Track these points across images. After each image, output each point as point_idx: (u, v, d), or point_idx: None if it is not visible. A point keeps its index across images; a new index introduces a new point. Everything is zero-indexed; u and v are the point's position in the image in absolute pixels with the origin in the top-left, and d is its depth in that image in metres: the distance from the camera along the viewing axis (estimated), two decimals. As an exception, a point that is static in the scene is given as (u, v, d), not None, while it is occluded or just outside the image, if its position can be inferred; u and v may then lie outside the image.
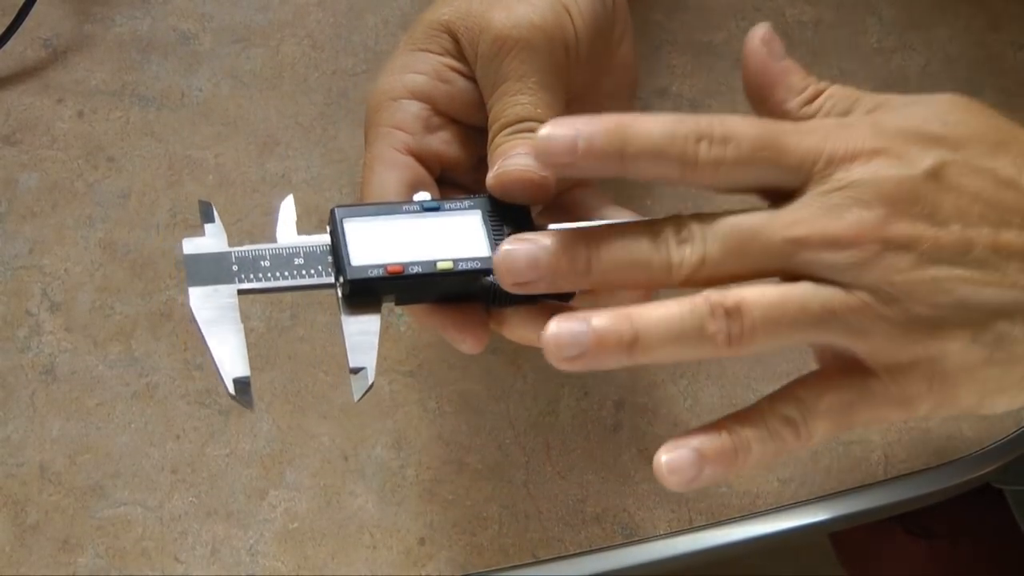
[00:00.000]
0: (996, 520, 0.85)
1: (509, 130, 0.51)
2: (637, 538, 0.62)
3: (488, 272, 0.50)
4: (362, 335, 0.51)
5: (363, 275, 0.50)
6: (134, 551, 0.61)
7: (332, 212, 0.51)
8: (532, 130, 0.50)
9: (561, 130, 0.46)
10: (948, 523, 0.90)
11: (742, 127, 0.46)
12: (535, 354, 0.63)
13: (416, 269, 0.50)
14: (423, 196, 0.52)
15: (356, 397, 0.51)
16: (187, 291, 0.50)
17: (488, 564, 0.61)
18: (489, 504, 0.62)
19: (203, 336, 0.50)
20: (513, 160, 0.50)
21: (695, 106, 0.66)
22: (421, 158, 0.53)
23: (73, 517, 0.61)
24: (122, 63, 0.67)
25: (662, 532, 0.62)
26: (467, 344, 0.51)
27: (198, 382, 0.63)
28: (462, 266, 0.50)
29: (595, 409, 0.63)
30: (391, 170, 0.52)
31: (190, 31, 0.68)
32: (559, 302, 0.51)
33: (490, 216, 0.51)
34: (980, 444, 0.63)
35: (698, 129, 0.46)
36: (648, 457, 0.63)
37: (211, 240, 0.51)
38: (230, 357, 0.50)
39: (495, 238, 0.50)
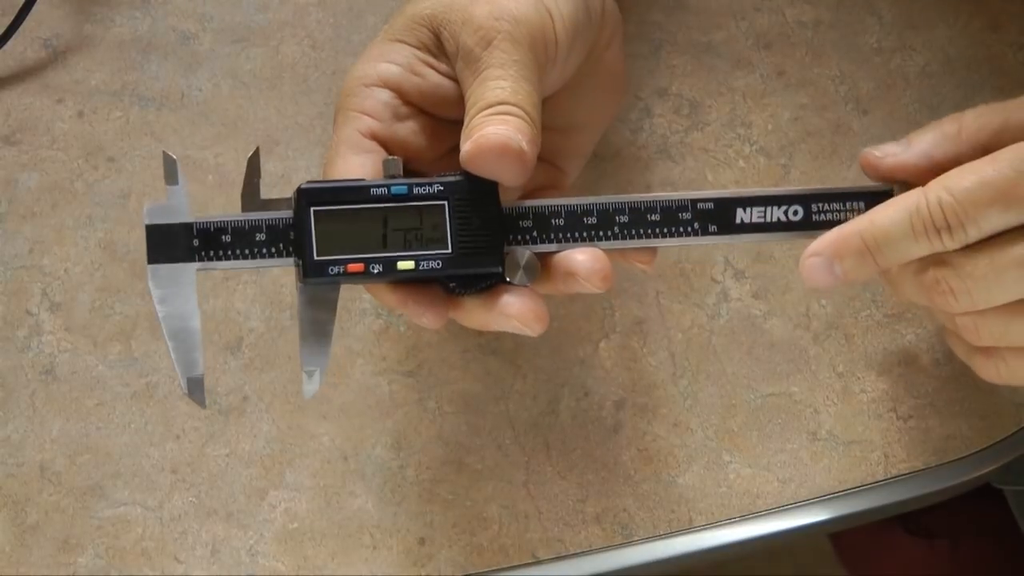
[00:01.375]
0: (996, 520, 0.85)
1: (488, 111, 0.51)
2: (637, 538, 0.62)
3: (449, 276, 0.51)
4: (316, 335, 0.52)
5: (323, 272, 0.50)
6: (134, 551, 0.61)
7: (299, 192, 0.51)
8: (511, 113, 0.51)
9: (815, 261, 0.52)
10: (948, 523, 0.90)
11: (970, 193, 0.49)
12: (535, 354, 0.64)
13: (377, 268, 0.50)
14: (394, 165, 0.51)
15: (307, 396, 0.51)
16: (147, 268, 0.50)
17: (488, 564, 0.61)
18: (489, 504, 0.62)
19: (161, 325, 0.50)
20: (493, 128, 0.50)
21: (695, 106, 0.66)
22: (387, 145, 0.54)
23: (73, 517, 0.61)
24: (122, 63, 0.67)
25: (662, 532, 0.62)
26: (427, 318, 0.52)
27: (198, 382, 0.63)
28: (423, 266, 0.50)
29: (595, 409, 0.63)
30: (356, 154, 0.53)
31: (190, 31, 0.68)
32: (516, 286, 0.51)
33: (458, 205, 0.51)
34: (980, 444, 0.63)
35: (932, 220, 0.50)
36: (648, 457, 0.63)
37: (173, 207, 0.51)
38: (185, 353, 0.51)
39: (460, 232, 0.51)
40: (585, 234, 0.52)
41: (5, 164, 0.66)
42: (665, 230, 0.53)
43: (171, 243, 0.50)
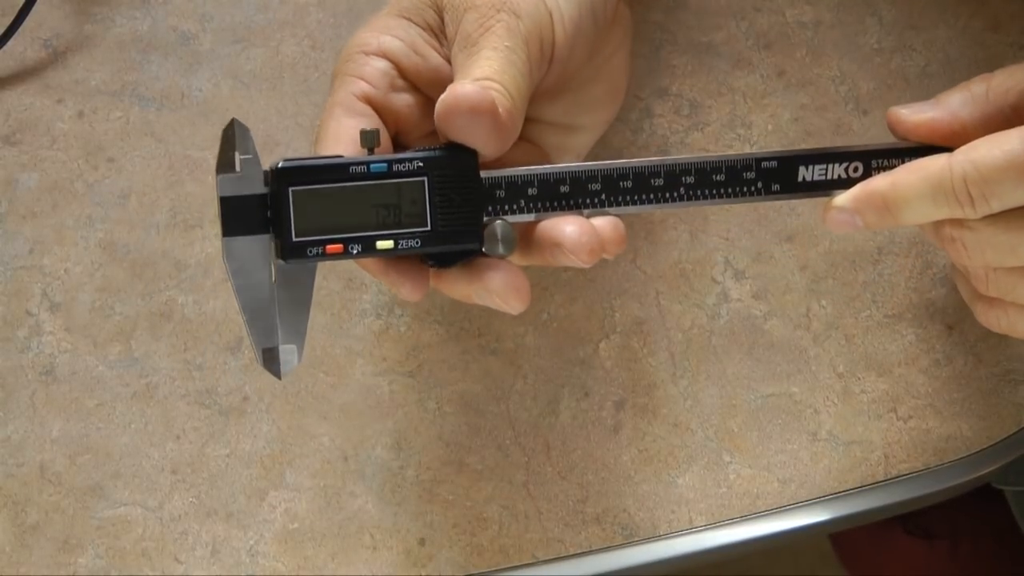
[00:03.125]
0: (996, 520, 0.85)
1: (469, 81, 0.51)
2: (637, 538, 0.62)
3: (428, 254, 0.50)
4: (293, 310, 0.51)
5: (302, 254, 0.50)
6: (134, 551, 0.61)
7: (277, 171, 0.50)
8: (492, 88, 0.50)
9: (838, 213, 0.52)
10: (948, 523, 0.90)
11: (997, 171, 0.49)
12: (535, 354, 0.64)
13: (356, 249, 0.50)
14: (372, 137, 0.51)
15: (281, 373, 0.51)
16: (222, 242, 0.49)
17: (488, 564, 0.61)
18: (489, 504, 0.62)
19: (236, 297, 0.50)
20: (470, 84, 0.50)
21: (695, 106, 0.66)
22: (380, 112, 0.54)
23: (73, 517, 0.61)
24: (122, 63, 0.67)
25: (662, 532, 0.62)
26: (406, 290, 0.52)
27: (198, 382, 0.63)
28: (402, 245, 0.50)
29: (595, 409, 0.63)
30: (349, 117, 0.53)
31: (190, 31, 0.68)
32: (496, 259, 0.51)
33: (437, 181, 0.51)
34: (980, 444, 0.63)
35: (955, 194, 0.50)
36: (648, 458, 0.63)
37: (246, 177, 0.50)
38: (259, 323, 0.50)
39: (439, 208, 0.50)
40: (653, 195, 0.52)
41: (5, 164, 0.66)
42: (730, 190, 0.52)
43: (246, 215, 0.49)
